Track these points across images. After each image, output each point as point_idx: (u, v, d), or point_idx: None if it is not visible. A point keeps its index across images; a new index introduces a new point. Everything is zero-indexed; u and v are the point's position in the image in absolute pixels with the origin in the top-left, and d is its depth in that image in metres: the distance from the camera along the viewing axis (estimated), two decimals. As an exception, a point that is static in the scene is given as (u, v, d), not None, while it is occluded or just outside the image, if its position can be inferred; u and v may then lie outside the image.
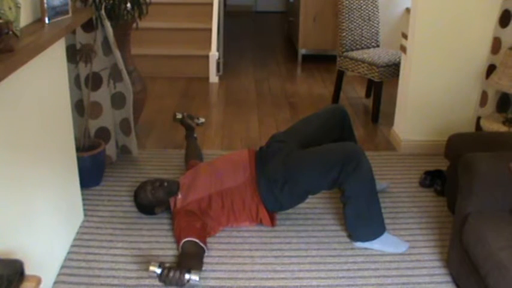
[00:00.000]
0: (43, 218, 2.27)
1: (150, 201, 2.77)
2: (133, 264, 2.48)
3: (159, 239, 2.67)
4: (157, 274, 2.24)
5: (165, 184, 2.77)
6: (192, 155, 3.26)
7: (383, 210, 2.66)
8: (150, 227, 2.77)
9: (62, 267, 2.45)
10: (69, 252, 2.55)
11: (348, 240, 2.69)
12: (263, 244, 2.65)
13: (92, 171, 3.09)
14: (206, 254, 2.48)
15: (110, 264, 2.47)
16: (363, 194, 2.58)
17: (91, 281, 2.36)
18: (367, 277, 2.43)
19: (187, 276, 2.23)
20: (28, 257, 1.81)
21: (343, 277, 2.42)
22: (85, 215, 2.85)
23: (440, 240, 2.69)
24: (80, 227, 2.76)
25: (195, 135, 3.46)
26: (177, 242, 2.53)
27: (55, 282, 2.34)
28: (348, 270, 2.47)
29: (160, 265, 2.25)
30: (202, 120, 3.54)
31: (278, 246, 2.64)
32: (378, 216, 2.63)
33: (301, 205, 2.83)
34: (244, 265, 2.50)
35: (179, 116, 3.46)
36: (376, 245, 2.62)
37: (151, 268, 2.24)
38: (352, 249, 2.63)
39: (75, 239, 2.65)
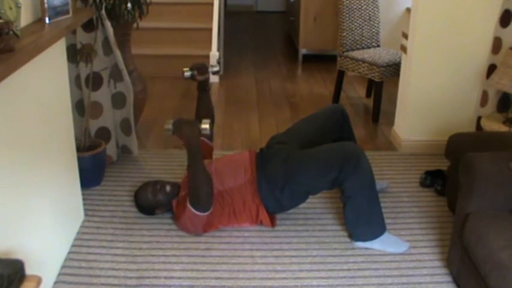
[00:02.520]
0: (43, 217, 2.27)
1: (151, 203, 2.78)
2: (133, 264, 2.48)
3: (160, 239, 2.67)
4: (170, 129, 2.48)
5: (167, 188, 2.77)
6: (203, 112, 3.09)
7: (383, 210, 2.66)
8: (151, 226, 2.77)
9: (63, 267, 2.45)
10: (69, 252, 2.55)
11: (348, 240, 2.69)
12: (264, 244, 2.65)
13: (92, 171, 3.09)
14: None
15: (110, 264, 2.47)
16: (363, 194, 2.58)
17: (91, 281, 2.36)
18: (367, 277, 2.43)
19: (199, 125, 2.50)
20: (29, 257, 1.81)
21: (344, 277, 2.42)
22: (85, 215, 2.85)
23: (440, 240, 2.69)
24: (81, 226, 2.76)
25: (208, 87, 3.11)
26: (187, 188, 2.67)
27: (55, 282, 2.35)
28: (349, 270, 2.47)
29: (173, 122, 2.51)
30: (216, 68, 3.04)
31: (278, 246, 2.64)
32: (378, 216, 2.63)
33: (301, 205, 2.83)
34: (244, 265, 2.50)
35: (188, 74, 2.97)
36: (376, 244, 2.62)
37: (166, 127, 2.50)
38: (352, 249, 2.63)
39: (75, 239, 2.65)
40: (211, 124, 3.10)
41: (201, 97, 3.15)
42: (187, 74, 2.95)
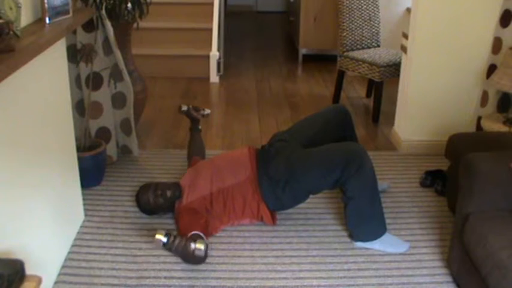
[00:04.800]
0: (44, 217, 2.27)
1: (152, 207, 2.79)
2: (134, 264, 2.48)
3: (160, 239, 2.67)
4: (163, 242, 2.29)
5: (168, 193, 2.76)
6: (195, 150, 3.23)
7: (383, 210, 2.66)
8: (151, 226, 2.77)
9: (63, 267, 2.45)
10: (69, 252, 2.55)
11: (348, 240, 2.69)
12: (264, 244, 2.65)
13: (92, 171, 3.09)
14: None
15: (110, 264, 2.47)
16: (364, 194, 2.58)
17: (92, 281, 2.36)
18: (367, 277, 2.43)
19: (192, 245, 2.29)
20: (29, 257, 1.81)
21: (344, 277, 2.42)
22: (85, 215, 2.85)
23: (440, 240, 2.69)
24: (81, 226, 2.76)
25: (200, 127, 3.38)
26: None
27: (56, 282, 2.35)
28: (349, 270, 2.47)
29: (167, 234, 2.30)
30: (207, 111, 3.42)
31: (279, 246, 2.64)
32: (379, 217, 2.63)
33: (302, 205, 2.83)
34: (245, 265, 2.50)
35: (184, 108, 3.34)
36: (376, 245, 2.62)
37: (158, 236, 2.28)
38: (352, 249, 2.63)
39: (75, 239, 2.65)
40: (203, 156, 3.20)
41: (193, 137, 3.32)
42: (184, 108, 3.31)
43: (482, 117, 3.35)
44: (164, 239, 2.28)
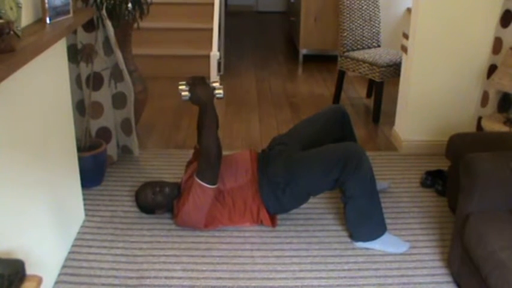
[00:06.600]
0: (44, 217, 2.27)
1: (149, 204, 2.79)
2: (134, 264, 2.48)
3: (160, 239, 2.67)
4: (187, 96, 2.58)
5: (166, 190, 2.78)
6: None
7: (384, 210, 2.66)
8: (151, 226, 2.77)
9: (63, 267, 2.45)
10: (70, 252, 2.55)
11: (348, 240, 2.69)
12: (264, 244, 2.65)
13: (93, 171, 3.09)
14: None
15: (111, 264, 2.47)
16: (363, 194, 2.58)
17: (92, 281, 2.36)
18: (368, 277, 2.43)
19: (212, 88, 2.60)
20: (29, 257, 1.82)
21: (344, 277, 2.42)
22: (86, 215, 2.85)
23: (441, 240, 2.69)
24: (81, 226, 2.76)
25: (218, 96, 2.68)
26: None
27: (56, 282, 2.35)
28: (349, 270, 2.47)
29: (187, 82, 2.62)
30: (219, 94, 2.65)
31: (279, 246, 2.64)
32: (378, 216, 2.64)
33: (302, 205, 2.83)
34: (245, 265, 2.50)
35: (185, 97, 2.62)
36: (377, 245, 2.62)
37: (183, 93, 2.59)
38: (353, 249, 2.63)
39: (76, 239, 2.66)
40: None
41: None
42: (185, 96, 2.62)
43: (482, 117, 3.35)
44: (187, 94, 2.58)
